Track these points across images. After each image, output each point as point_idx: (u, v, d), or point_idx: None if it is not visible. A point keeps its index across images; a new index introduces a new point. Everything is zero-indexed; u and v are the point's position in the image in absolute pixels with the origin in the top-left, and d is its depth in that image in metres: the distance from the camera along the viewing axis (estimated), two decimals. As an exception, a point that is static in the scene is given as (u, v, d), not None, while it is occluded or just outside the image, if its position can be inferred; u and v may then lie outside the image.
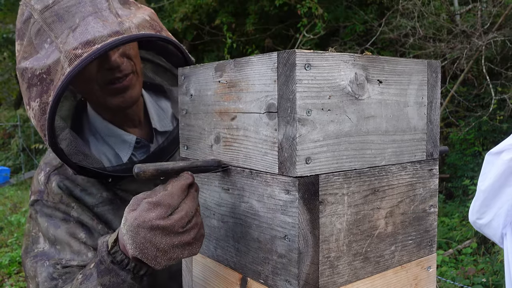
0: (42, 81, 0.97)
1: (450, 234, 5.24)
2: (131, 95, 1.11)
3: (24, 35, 1.03)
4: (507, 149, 1.57)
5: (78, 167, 1.07)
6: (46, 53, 0.97)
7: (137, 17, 1.03)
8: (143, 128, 1.24)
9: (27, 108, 1.03)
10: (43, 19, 0.98)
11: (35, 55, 0.99)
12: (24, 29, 1.03)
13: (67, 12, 0.97)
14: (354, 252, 0.77)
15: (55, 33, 0.97)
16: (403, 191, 0.83)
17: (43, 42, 0.98)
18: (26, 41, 1.02)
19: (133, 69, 1.10)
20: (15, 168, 12.58)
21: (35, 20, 0.99)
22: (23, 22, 1.03)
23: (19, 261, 5.53)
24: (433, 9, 6.78)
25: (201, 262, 0.93)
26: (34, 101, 0.99)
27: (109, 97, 1.09)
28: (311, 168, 0.70)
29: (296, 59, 0.67)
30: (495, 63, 6.67)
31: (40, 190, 1.13)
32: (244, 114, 0.77)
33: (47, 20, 0.98)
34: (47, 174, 1.14)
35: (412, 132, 0.84)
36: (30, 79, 0.99)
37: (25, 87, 1.02)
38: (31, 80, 0.99)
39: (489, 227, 1.66)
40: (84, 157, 1.10)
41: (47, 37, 0.98)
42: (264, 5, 8.29)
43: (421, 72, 0.84)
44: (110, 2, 1.02)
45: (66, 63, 0.93)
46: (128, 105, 1.13)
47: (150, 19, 1.06)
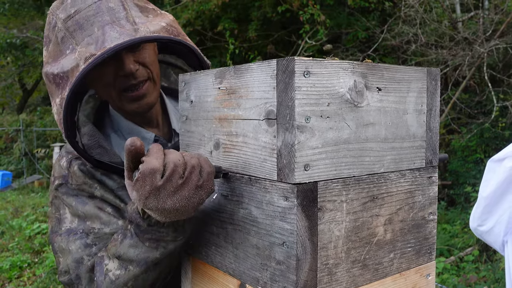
0: (62, 80, 1.06)
1: (452, 241, 5.22)
2: (147, 101, 1.17)
3: (50, 41, 1.11)
4: (509, 156, 1.57)
5: (95, 160, 1.12)
6: (68, 58, 1.05)
7: (153, 24, 1.09)
8: (161, 129, 1.30)
9: (53, 106, 1.12)
10: (66, 28, 1.07)
11: (59, 60, 1.08)
12: (50, 36, 1.11)
13: (87, 21, 1.05)
14: (352, 259, 0.77)
15: (76, 40, 1.05)
16: (402, 199, 0.83)
17: (66, 48, 1.07)
18: (51, 47, 1.11)
19: (149, 76, 1.16)
20: (17, 173, 12.59)
21: (60, 28, 1.08)
22: (50, 30, 1.12)
23: (20, 265, 5.53)
24: (435, 16, 6.79)
25: (200, 268, 0.93)
26: (57, 97, 1.08)
27: (126, 103, 1.16)
28: (309, 175, 0.70)
29: (295, 67, 0.67)
30: (497, 70, 6.67)
31: (64, 174, 1.17)
32: (243, 121, 0.78)
33: (70, 29, 1.06)
34: (69, 160, 1.19)
35: (411, 139, 0.84)
36: (53, 79, 1.08)
37: (49, 87, 1.12)
38: (54, 80, 1.08)
39: (490, 234, 1.65)
40: (103, 151, 1.16)
41: (69, 44, 1.06)
42: (266, 12, 8.32)
43: (420, 79, 0.85)
44: (128, 11, 1.08)
45: (82, 61, 1.01)
46: (144, 111, 1.19)
47: (166, 25, 1.11)
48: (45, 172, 11.64)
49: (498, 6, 6.61)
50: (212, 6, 8.09)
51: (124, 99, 1.15)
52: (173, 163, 0.77)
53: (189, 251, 0.97)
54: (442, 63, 6.60)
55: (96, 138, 1.16)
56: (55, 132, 13.51)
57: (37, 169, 12.27)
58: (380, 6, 7.69)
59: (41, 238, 6.51)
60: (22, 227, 7.05)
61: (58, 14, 1.09)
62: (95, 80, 1.15)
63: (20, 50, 12.60)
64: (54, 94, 1.10)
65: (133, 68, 1.10)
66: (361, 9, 7.99)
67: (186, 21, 8.37)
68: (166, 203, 0.78)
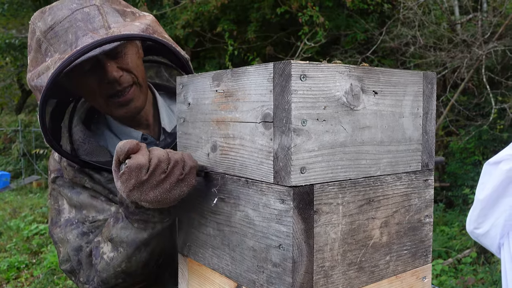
0: (39, 88, 1.08)
1: (450, 243, 5.23)
2: (135, 106, 1.20)
3: (32, 49, 1.14)
4: (506, 159, 1.58)
5: (82, 161, 1.17)
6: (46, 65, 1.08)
7: (129, 26, 1.09)
8: (152, 129, 1.33)
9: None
10: (46, 38, 1.09)
11: (38, 67, 1.10)
12: (32, 44, 1.14)
13: (66, 32, 1.07)
14: (348, 261, 0.77)
15: (55, 48, 1.07)
16: (398, 201, 0.84)
17: (46, 56, 1.09)
18: (32, 55, 1.14)
19: (134, 80, 1.17)
20: (16, 173, 12.58)
21: (40, 38, 1.10)
22: (31, 38, 1.14)
23: (17, 266, 5.53)
24: (434, 19, 6.81)
25: (197, 270, 0.94)
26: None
27: (113, 109, 1.19)
28: (306, 177, 0.70)
29: (291, 70, 0.68)
30: (495, 73, 6.69)
31: (59, 168, 1.24)
32: (240, 123, 0.78)
33: (50, 40, 1.09)
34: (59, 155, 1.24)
35: (408, 142, 0.85)
36: (34, 86, 1.11)
37: (34, 93, 1.15)
38: (36, 87, 1.10)
39: (486, 237, 1.66)
40: (94, 148, 1.22)
41: (48, 52, 1.09)
42: (265, 13, 8.33)
43: (416, 83, 0.85)
44: (104, 16, 1.10)
45: (52, 66, 1.04)
46: (133, 115, 1.22)
47: (143, 25, 1.11)
48: (43, 172, 11.62)
49: (497, 8, 6.62)
50: (211, 8, 8.10)
51: (111, 105, 1.17)
52: (157, 158, 0.83)
53: (186, 253, 0.97)
54: (441, 65, 6.61)
55: (86, 136, 1.22)
56: (53, 133, 13.46)
57: (36, 170, 12.25)
58: (379, 8, 7.70)
59: (39, 239, 6.50)
60: (20, 228, 7.04)
61: (39, 25, 1.11)
62: (79, 88, 1.18)
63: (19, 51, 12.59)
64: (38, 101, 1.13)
65: (116, 75, 1.12)
66: (360, 11, 8.00)
67: (185, 22, 8.37)
68: (149, 195, 0.84)
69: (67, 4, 1.10)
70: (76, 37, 1.05)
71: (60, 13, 1.08)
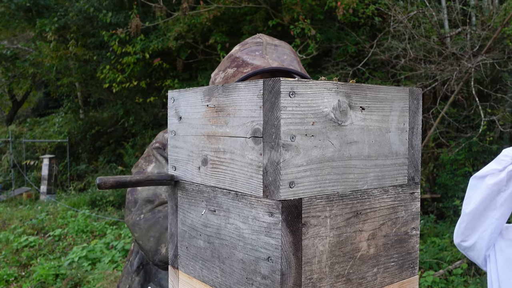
0: (244, 63, 1.33)
1: (441, 254, 5.25)
2: None
3: (246, 43, 1.42)
4: (491, 173, 1.61)
5: None
6: (257, 58, 1.35)
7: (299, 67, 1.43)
8: None
9: (220, 73, 1.38)
10: (265, 45, 1.39)
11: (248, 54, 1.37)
12: (249, 43, 1.41)
13: (283, 54, 1.39)
14: (336, 273, 0.78)
15: (267, 52, 1.36)
16: (385, 214, 0.86)
17: (256, 50, 1.37)
18: (243, 46, 1.41)
19: None
20: (5, 184, 12.47)
21: (261, 43, 1.39)
22: (251, 39, 1.43)
23: (6, 279, 5.46)
24: (424, 32, 6.90)
25: (187, 282, 0.95)
26: (230, 68, 1.35)
27: None
28: (294, 192, 0.72)
29: (281, 87, 0.70)
30: (484, 85, 6.78)
31: (164, 143, 1.43)
32: (230, 138, 0.80)
33: (268, 47, 1.38)
34: None
35: (394, 157, 0.87)
36: (235, 59, 1.36)
37: (228, 62, 1.38)
38: (235, 59, 1.36)
39: (473, 250, 1.68)
40: None
41: (259, 51, 1.36)
42: (258, 25, 8.40)
43: (402, 99, 0.87)
44: (303, 68, 1.42)
45: (273, 63, 1.32)
46: None
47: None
48: (33, 184, 11.53)
49: (485, 22, 6.74)
50: (204, 20, 8.15)
51: None
52: None
53: (176, 265, 0.98)
54: (431, 77, 6.70)
55: None
56: (44, 144, 13.42)
57: (26, 181, 12.15)
58: (369, 21, 7.81)
59: (29, 251, 6.43)
60: (9, 240, 6.97)
61: (265, 38, 1.43)
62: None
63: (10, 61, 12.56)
64: (231, 65, 1.35)
65: None
66: (351, 24, 8.10)
67: (177, 34, 8.41)
68: None
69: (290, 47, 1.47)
70: (291, 60, 1.37)
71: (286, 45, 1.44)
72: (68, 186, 12.00)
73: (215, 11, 8.01)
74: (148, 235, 1.21)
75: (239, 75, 1.32)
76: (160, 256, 1.20)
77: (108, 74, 9.53)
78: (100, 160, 12.60)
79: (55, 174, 11.72)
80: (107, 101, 13.47)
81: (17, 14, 11.47)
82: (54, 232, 7.43)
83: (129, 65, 9.15)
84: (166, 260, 1.20)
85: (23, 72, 13.00)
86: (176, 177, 0.95)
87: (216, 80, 1.38)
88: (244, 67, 1.33)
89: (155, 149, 1.43)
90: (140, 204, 1.28)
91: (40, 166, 11.85)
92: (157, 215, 1.23)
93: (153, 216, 1.23)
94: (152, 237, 1.20)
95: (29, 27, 11.98)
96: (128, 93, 11.19)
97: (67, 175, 12.59)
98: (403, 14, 6.63)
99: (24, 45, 13.00)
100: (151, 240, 1.20)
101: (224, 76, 1.36)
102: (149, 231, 1.21)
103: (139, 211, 1.27)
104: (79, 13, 10.33)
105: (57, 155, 12.41)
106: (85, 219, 8.03)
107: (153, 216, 1.23)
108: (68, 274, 5.41)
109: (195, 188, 0.90)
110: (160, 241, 1.19)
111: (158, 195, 1.29)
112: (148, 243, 1.21)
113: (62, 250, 6.66)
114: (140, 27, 8.20)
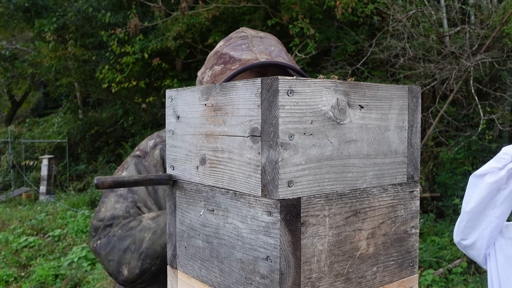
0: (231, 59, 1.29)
1: (441, 253, 5.25)
2: None
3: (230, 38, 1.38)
4: (491, 171, 1.60)
5: None
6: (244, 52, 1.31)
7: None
8: None
9: (207, 71, 1.34)
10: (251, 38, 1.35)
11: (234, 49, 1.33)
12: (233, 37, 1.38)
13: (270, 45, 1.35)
14: (335, 273, 0.78)
15: (253, 44, 1.32)
16: (384, 213, 0.85)
17: (242, 44, 1.33)
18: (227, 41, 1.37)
19: None
20: (5, 185, 12.46)
21: (246, 36, 1.36)
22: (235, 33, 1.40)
23: (6, 279, 5.46)
24: (423, 31, 6.90)
25: (186, 282, 0.94)
26: (217, 66, 1.31)
27: None
28: (293, 191, 0.71)
29: (279, 86, 0.69)
30: (483, 84, 6.78)
31: (146, 151, 1.38)
32: (229, 137, 0.79)
33: (253, 40, 1.34)
34: (156, 142, 1.39)
35: (393, 155, 0.87)
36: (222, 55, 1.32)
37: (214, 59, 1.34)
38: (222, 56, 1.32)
39: (473, 248, 1.68)
40: None
41: (245, 44, 1.33)
42: (256, 25, 8.39)
43: (401, 97, 0.87)
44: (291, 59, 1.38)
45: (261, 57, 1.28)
46: None
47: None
48: (33, 184, 11.52)
49: (484, 21, 6.73)
50: (202, 19, 8.15)
51: None
52: None
53: (175, 265, 0.98)
54: (430, 76, 6.69)
55: None
56: (43, 144, 13.41)
57: (25, 182, 12.14)
58: (368, 20, 7.80)
59: (28, 252, 6.43)
60: (9, 241, 6.97)
61: (249, 31, 1.38)
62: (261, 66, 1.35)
63: (9, 62, 12.54)
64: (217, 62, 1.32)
65: None
66: (350, 23, 8.09)
67: (176, 34, 8.41)
68: None
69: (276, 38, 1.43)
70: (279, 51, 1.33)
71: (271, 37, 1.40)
72: (68, 186, 11.99)
73: (214, 11, 8.00)
74: (108, 259, 1.23)
75: (227, 72, 1.28)
76: (123, 277, 1.22)
77: (107, 74, 9.53)
78: (100, 160, 12.59)
79: (55, 174, 11.71)
80: (106, 101, 13.47)
81: (16, 14, 11.46)
82: (53, 233, 7.43)
83: (128, 65, 9.15)
84: (130, 280, 1.22)
85: (22, 73, 12.99)
86: (174, 177, 0.94)
87: (203, 79, 1.34)
88: (231, 63, 1.29)
89: (135, 157, 1.39)
90: (99, 229, 1.30)
91: (39, 167, 11.84)
92: (112, 240, 1.25)
93: (108, 241, 1.25)
94: (112, 260, 1.22)
95: (27, 27, 11.97)
96: (127, 93, 11.19)
97: (66, 176, 12.58)
98: (402, 13, 6.63)
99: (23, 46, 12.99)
100: (111, 264, 1.22)
101: (212, 74, 1.32)
102: (108, 256, 1.23)
103: (98, 236, 1.29)
104: (78, 13, 10.32)
105: (56, 156, 12.40)
106: (84, 219, 8.03)
107: (108, 241, 1.25)
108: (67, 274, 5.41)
109: (193, 187, 0.90)
110: (120, 263, 1.22)
111: (116, 217, 1.29)
112: (110, 266, 1.23)
113: (61, 251, 6.66)
114: (139, 27, 8.20)
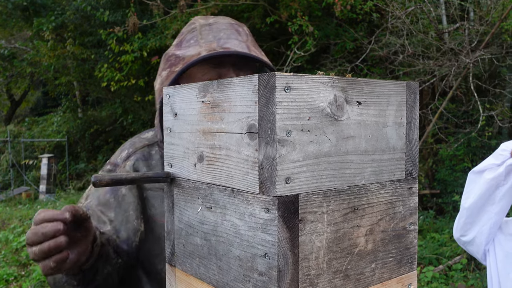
0: (177, 60, 1.25)
1: (440, 250, 5.26)
2: None
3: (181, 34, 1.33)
4: (489, 168, 1.60)
5: None
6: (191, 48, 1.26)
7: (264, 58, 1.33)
8: None
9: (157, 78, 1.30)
10: (200, 29, 1.29)
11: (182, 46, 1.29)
12: (184, 33, 1.33)
13: (219, 30, 1.28)
14: (334, 269, 0.78)
15: (202, 36, 1.26)
16: (382, 209, 0.85)
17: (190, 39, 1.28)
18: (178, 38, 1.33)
19: None
20: (4, 184, 12.47)
21: (195, 28, 1.30)
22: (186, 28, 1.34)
23: (6, 279, 5.46)
24: (422, 27, 6.89)
25: (185, 280, 0.94)
26: (164, 71, 1.27)
27: None
28: (291, 187, 0.71)
29: (276, 82, 0.69)
30: (482, 80, 6.77)
31: (117, 163, 1.34)
32: (226, 134, 0.79)
33: (202, 30, 1.28)
34: (129, 153, 1.35)
35: (391, 151, 0.86)
36: (169, 58, 1.28)
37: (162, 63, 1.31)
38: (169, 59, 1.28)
39: (472, 244, 1.68)
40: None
41: (194, 37, 1.27)
42: (255, 23, 8.38)
43: (399, 93, 0.87)
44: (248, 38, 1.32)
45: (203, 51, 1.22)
46: None
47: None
48: (32, 183, 11.52)
49: (483, 17, 6.72)
50: (201, 17, 8.11)
51: None
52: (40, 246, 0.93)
53: (173, 263, 0.98)
54: (429, 73, 6.69)
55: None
56: (43, 143, 13.41)
57: (25, 181, 12.14)
58: (367, 17, 7.79)
59: (28, 251, 6.42)
60: (9, 240, 6.97)
61: (199, 21, 1.33)
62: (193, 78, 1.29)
63: (8, 61, 12.53)
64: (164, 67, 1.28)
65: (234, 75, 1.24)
66: (348, 20, 8.08)
67: (175, 32, 8.39)
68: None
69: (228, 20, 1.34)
70: (228, 36, 1.25)
71: (222, 20, 1.32)
72: (67, 185, 11.99)
73: (213, 9, 7.98)
74: None
75: (171, 76, 1.25)
76: None
77: (106, 73, 9.52)
78: (99, 159, 12.59)
79: (54, 173, 11.71)
80: (106, 100, 13.46)
81: (14, 13, 11.44)
82: (53, 232, 7.40)
83: (127, 64, 9.14)
84: None
85: (21, 72, 12.98)
86: (172, 174, 0.94)
87: (156, 87, 1.31)
88: (176, 65, 1.26)
89: (104, 171, 1.36)
90: None
91: (39, 166, 11.84)
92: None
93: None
94: None
95: (26, 26, 11.94)
96: (126, 92, 11.18)
97: (66, 174, 12.58)
98: (401, 10, 6.62)
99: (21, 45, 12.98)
100: None
101: (160, 81, 1.29)
102: None
103: None
104: (76, 11, 10.30)
105: (56, 154, 12.39)
106: (84, 218, 8.00)
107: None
108: (68, 273, 5.39)
109: (191, 185, 0.90)
110: None
111: None
112: None
113: (61, 249, 6.64)
114: (138, 25, 8.18)
